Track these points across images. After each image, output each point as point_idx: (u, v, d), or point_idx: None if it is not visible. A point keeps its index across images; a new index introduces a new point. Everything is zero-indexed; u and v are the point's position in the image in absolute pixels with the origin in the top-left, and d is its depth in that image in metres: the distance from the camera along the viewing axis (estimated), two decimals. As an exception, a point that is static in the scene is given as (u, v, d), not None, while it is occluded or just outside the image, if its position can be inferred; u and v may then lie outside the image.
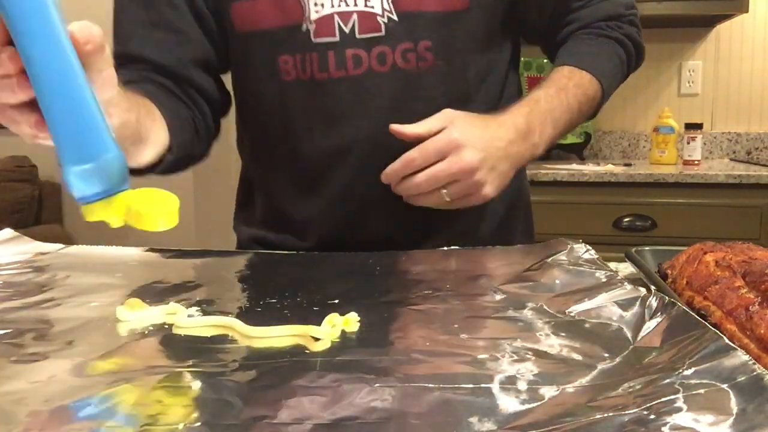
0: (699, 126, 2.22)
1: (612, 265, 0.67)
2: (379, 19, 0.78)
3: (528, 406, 0.38)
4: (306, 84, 0.81)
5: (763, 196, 1.93)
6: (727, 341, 0.41)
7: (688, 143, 2.22)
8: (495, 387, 0.41)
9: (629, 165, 2.24)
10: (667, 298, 0.50)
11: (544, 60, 2.10)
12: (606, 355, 0.45)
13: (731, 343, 0.40)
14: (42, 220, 2.90)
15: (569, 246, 0.69)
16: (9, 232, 0.83)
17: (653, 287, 0.55)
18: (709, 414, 0.34)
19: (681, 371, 0.39)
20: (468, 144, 0.72)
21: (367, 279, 0.68)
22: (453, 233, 0.85)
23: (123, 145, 0.51)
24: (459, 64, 0.83)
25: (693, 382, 0.38)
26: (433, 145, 0.72)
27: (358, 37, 0.79)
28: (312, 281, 0.69)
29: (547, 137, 0.80)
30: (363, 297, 0.60)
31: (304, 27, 0.79)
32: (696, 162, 2.20)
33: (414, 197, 0.75)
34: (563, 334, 0.50)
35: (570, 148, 2.37)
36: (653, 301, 0.51)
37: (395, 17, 0.79)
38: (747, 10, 2.15)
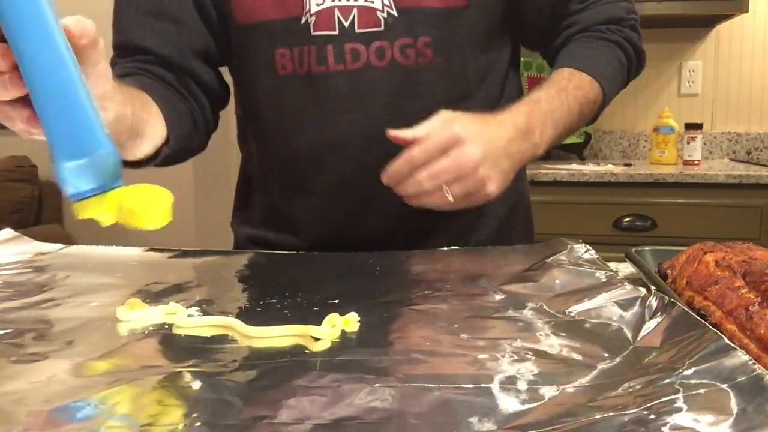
0: (699, 126, 2.22)
1: (612, 265, 0.67)
2: (379, 14, 0.78)
3: (528, 406, 0.38)
4: (302, 78, 0.81)
5: (763, 196, 1.93)
6: (727, 341, 0.41)
7: (688, 143, 2.22)
8: (495, 387, 0.41)
9: (629, 165, 2.24)
10: (667, 298, 0.50)
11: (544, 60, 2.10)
12: (606, 355, 0.45)
13: (731, 343, 0.40)
14: (42, 220, 2.90)
15: (569, 246, 0.69)
16: (9, 232, 0.83)
17: (653, 287, 0.55)
18: (709, 414, 0.34)
19: (681, 371, 0.39)
20: (470, 139, 0.70)
21: (367, 279, 0.68)
22: (453, 233, 0.85)
23: (119, 139, 0.51)
24: (458, 61, 0.82)
25: (693, 382, 0.38)
26: (435, 140, 0.69)
27: (357, 32, 0.79)
28: (312, 281, 0.69)
29: (548, 138, 0.79)
30: (363, 297, 0.60)
31: (303, 20, 0.79)
32: (696, 162, 2.20)
33: (416, 197, 0.72)
34: (563, 334, 0.50)
35: (570, 148, 2.37)
36: (653, 301, 0.51)
37: (395, 12, 0.79)
38: (747, 10, 2.15)
